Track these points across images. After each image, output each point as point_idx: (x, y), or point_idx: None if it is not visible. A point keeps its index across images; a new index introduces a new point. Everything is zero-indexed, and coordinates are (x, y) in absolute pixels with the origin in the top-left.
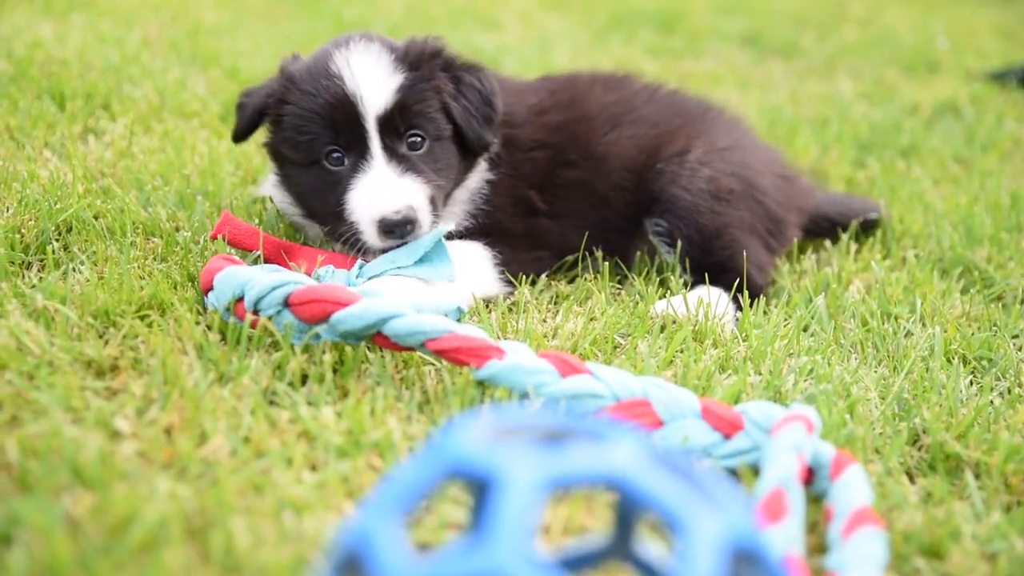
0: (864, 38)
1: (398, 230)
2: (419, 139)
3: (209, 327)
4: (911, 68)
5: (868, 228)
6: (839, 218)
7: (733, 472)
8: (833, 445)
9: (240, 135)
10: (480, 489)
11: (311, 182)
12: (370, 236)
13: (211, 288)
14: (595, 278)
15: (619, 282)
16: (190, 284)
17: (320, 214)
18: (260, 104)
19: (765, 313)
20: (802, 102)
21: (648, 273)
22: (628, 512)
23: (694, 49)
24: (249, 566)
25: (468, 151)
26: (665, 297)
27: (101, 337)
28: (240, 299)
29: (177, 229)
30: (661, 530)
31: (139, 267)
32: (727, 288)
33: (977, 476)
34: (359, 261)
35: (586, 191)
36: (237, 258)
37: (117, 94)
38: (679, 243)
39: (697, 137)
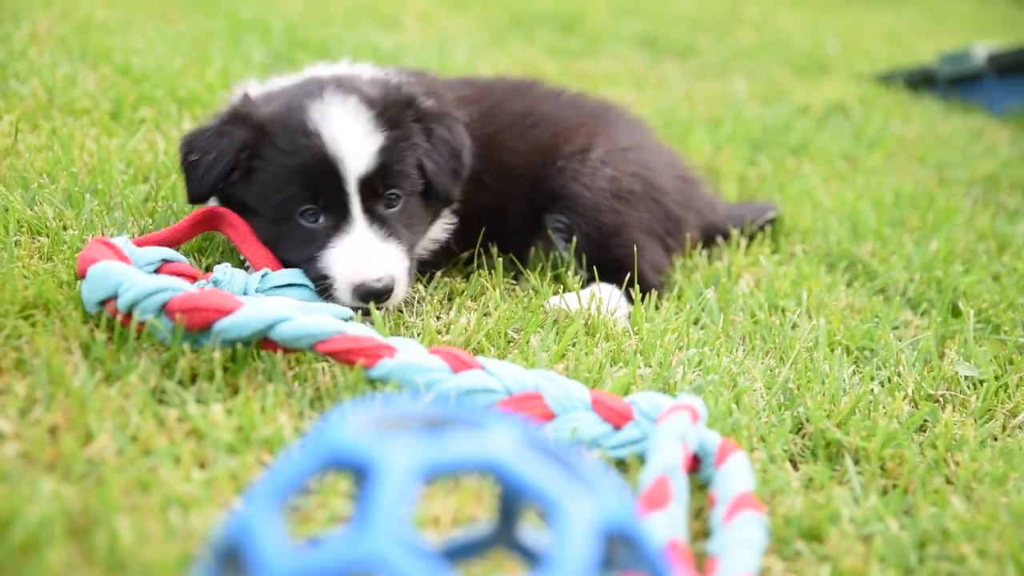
0: (758, 41)
1: (375, 297)
2: (396, 197)
3: (97, 325)
4: (803, 70)
5: (763, 227)
6: (739, 226)
7: (622, 462)
8: (719, 433)
9: (206, 195)
10: (361, 478)
11: (282, 235)
12: (343, 296)
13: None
14: (490, 274)
15: (514, 277)
16: (78, 283)
17: (289, 261)
18: (229, 161)
19: (657, 308)
20: (697, 102)
21: (543, 269)
22: (512, 501)
23: (592, 50)
24: (133, 564)
25: (432, 203)
26: (559, 293)
27: None
28: (113, 298)
29: (65, 228)
30: (545, 517)
31: (23, 266)
32: (621, 285)
33: (856, 461)
34: (265, 269)
35: (494, 208)
36: (118, 244)
37: (3, 90)
38: (575, 239)
39: (597, 135)
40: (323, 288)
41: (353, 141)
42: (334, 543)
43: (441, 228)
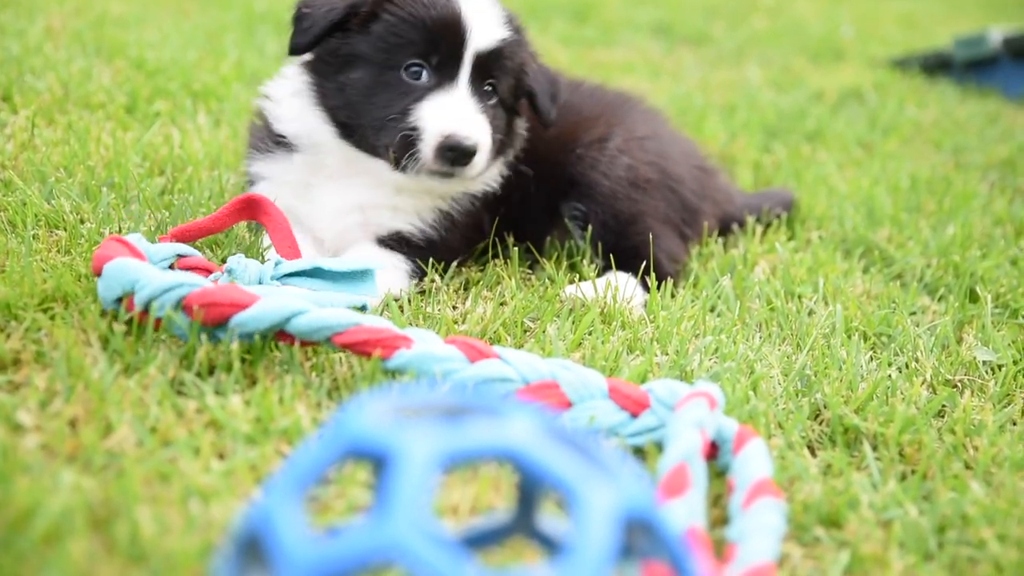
0: (773, 27)
1: (458, 155)
2: (492, 91)
3: (115, 318)
4: (817, 56)
5: (779, 215)
6: (756, 215)
7: (640, 450)
8: (736, 420)
9: (309, 44)
10: (380, 467)
11: (381, 85)
12: (426, 149)
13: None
14: (505, 263)
15: (529, 267)
16: (96, 276)
17: (370, 120)
18: (338, 13)
19: (673, 295)
20: (712, 90)
21: (559, 257)
22: (530, 489)
23: (607, 39)
24: (155, 554)
25: (506, 139)
26: (575, 281)
27: (3, 331)
28: (130, 295)
29: (82, 221)
30: (564, 505)
31: (42, 260)
32: (637, 273)
33: (874, 447)
34: (277, 258)
35: (520, 196)
36: (132, 241)
37: (19, 85)
38: (591, 227)
39: (616, 125)
40: (407, 141)
41: (485, 18)
42: (355, 532)
43: (496, 173)
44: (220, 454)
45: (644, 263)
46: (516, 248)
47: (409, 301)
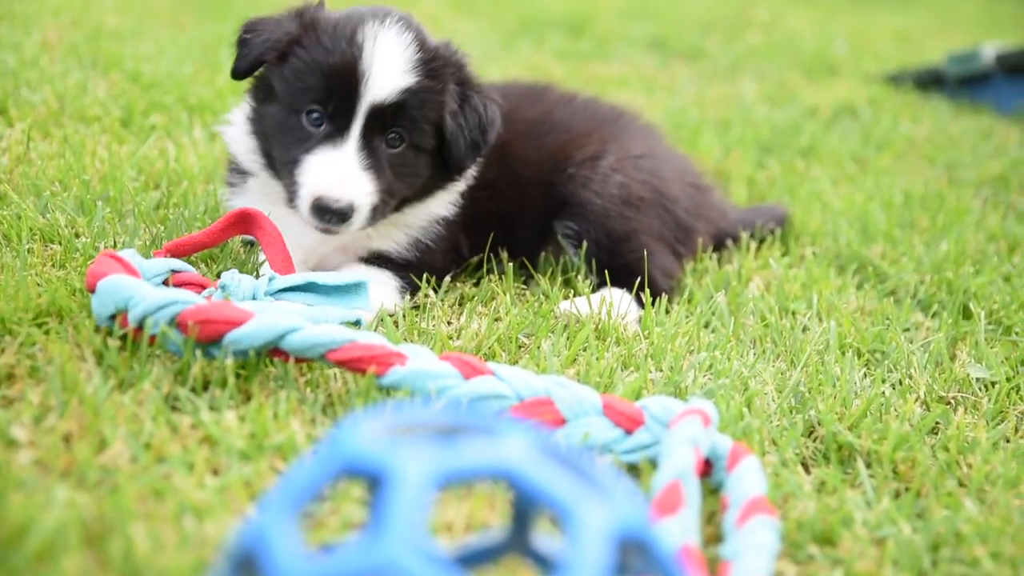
0: (767, 42)
1: (330, 217)
2: (398, 140)
3: (110, 333)
4: (812, 71)
5: (773, 230)
6: (749, 230)
7: (634, 467)
8: (730, 438)
9: (245, 71)
10: (375, 486)
11: (286, 127)
12: (303, 206)
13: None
14: (500, 279)
15: (524, 282)
16: (90, 292)
17: (276, 158)
18: (276, 39)
19: (667, 311)
20: (706, 104)
21: (553, 273)
22: (525, 507)
23: (602, 53)
24: (148, 571)
25: (442, 173)
26: (570, 297)
27: None
28: (124, 312)
29: (77, 235)
30: (559, 523)
31: (36, 274)
32: (631, 289)
33: (868, 465)
34: (271, 273)
35: (507, 216)
36: (126, 257)
37: (14, 99)
38: (585, 244)
39: (610, 142)
40: (292, 191)
41: (386, 68)
42: (350, 551)
43: (444, 204)
44: (214, 470)
45: (638, 279)
46: (511, 264)
47: (404, 316)
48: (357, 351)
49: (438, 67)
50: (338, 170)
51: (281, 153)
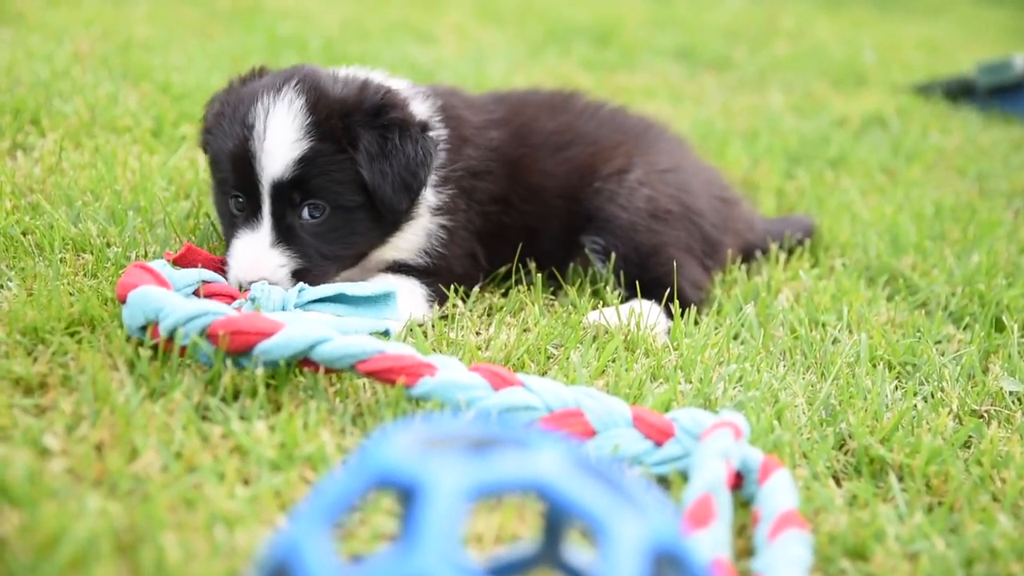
0: (795, 52)
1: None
2: (319, 208)
3: (141, 343)
4: (840, 81)
5: (802, 241)
6: (778, 241)
7: (664, 479)
8: (761, 450)
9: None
10: (408, 498)
11: (221, 211)
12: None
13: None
14: (528, 290)
15: (552, 293)
16: (121, 303)
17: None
18: (201, 131)
19: (696, 323)
20: (734, 115)
21: (582, 284)
22: (557, 519)
23: (628, 63)
24: None
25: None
26: (598, 308)
27: (30, 355)
28: (154, 323)
29: (108, 245)
30: (590, 536)
31: (69, 283)
32: (660, 301)
33: (900, 478)
34: (300, 285)
35: (526, 229)
36: (156, 268)
37: (47, 109)
38: (612, 257)
39: (637, 155)
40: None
41: (273, 146)
42: (383, 562)
43: (422, 235)
44: (245, 480)
45: (667, 291)
46: (539, 275)
47: (432, 327)
48: (387, 362)
49: (336, 125)
50: (250, 252)
51: (224, 233)
